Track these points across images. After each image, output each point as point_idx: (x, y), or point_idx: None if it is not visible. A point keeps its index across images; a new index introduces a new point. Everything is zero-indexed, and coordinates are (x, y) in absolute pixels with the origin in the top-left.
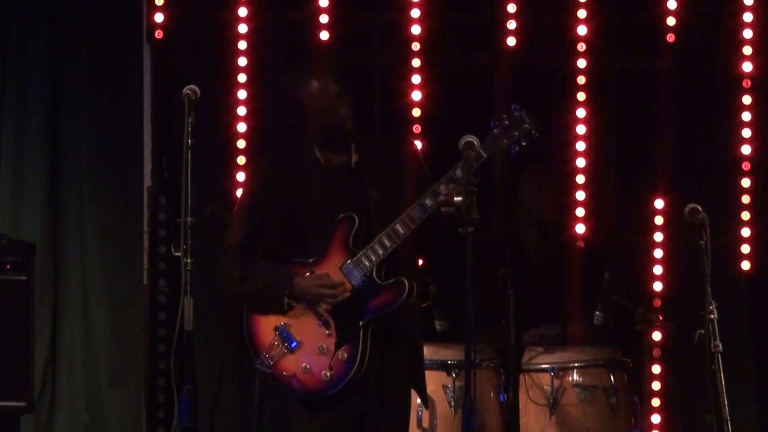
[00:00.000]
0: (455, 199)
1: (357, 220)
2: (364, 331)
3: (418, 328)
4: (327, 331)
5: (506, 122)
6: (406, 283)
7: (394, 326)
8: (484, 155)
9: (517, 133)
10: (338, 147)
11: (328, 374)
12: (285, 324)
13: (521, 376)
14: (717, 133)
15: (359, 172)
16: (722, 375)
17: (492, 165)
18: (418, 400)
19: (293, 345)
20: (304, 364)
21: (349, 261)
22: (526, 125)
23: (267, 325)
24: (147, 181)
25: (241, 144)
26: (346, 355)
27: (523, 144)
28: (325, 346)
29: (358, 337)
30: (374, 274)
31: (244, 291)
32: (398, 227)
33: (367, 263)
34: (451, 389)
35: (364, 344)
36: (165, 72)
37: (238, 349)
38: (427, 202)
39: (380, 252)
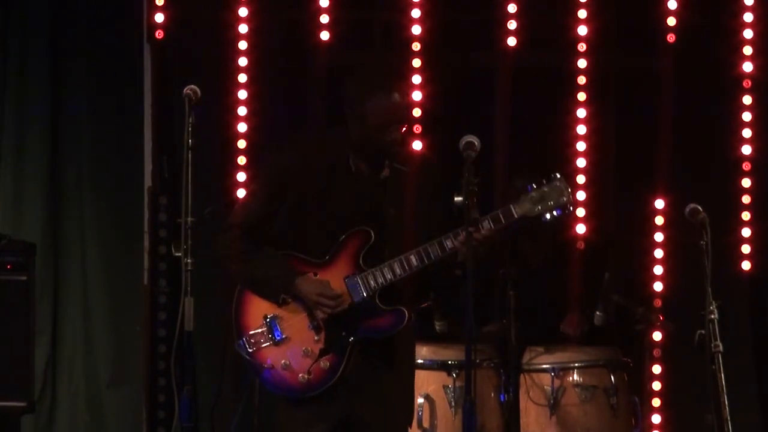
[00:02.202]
0: (455, 199)
1: (372, 237)
2: (351, 346)
3: (409, 349)
4: (316, 336)
5: (545, 189)
6: (406, 314)
7: (386, 342)
8: (515, 216)
9: (552, 203)
10: (374, 162)
11: (306, 377)
12: (276, 315)
13: (521, 376)
14: (717, 133)
15: (385, 186)
16: (722, 375)
17: (492, 166)
18: (419, 400)
19: (278, 337)
20: (284, 360)
21: (354, 275)
22: (564, 198)
23: (257, 311)
24: (147, 181)
25: (241, 144)
26: (328, 364)
27: (555, 215)
28: (310, 350)
29: (345, 351)
30: (376, 296)
31: (242, 272)
32: (412, 258)
33: (372, 283)
34: (452, 389)
35: (348, 359)
36: (165, 72)
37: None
38: (447, 243)
39: (389, 277)
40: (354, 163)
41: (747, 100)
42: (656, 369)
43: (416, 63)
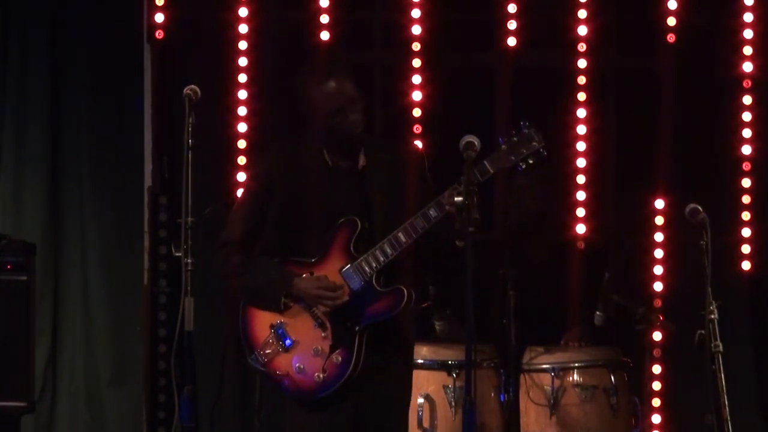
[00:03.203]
0: (455, 199)
1: (359, 225)
2: (359, 336)
3: (411, 334)
4: (323, 334)
5: (515, 138)
6: (405, 292)
7: (390, 329)
8: (491, 171)
9: (525, 151)
10: (345, 151)
11: (321, 376)
12: (281, 322)
13: (522, 376)
14: (717, 133)
15: (365, 175)
16: (722, 375)
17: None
18: (419, 400)
19: (288, 344)
20: (297, 364)
21: (349, 265)
22: (534, 143)
23: (263, 322)
24: (147, 181)
25: (241, 144)
26: (340, 358)
27: (530, 162)
28: (320, 348)
29: (354, 341)
30: (374, 281)
31: (242, 285)
32: (400, 235)
33: (367, 269)
34: (452, 389)
35: (359, 349)
36: (165, 72)
37: (238, 349)
38: (431, 212)
39: (381, 259)
40: (330, 159)
41: (747, 100)
42: (656, 369)
43: (416, 63)
